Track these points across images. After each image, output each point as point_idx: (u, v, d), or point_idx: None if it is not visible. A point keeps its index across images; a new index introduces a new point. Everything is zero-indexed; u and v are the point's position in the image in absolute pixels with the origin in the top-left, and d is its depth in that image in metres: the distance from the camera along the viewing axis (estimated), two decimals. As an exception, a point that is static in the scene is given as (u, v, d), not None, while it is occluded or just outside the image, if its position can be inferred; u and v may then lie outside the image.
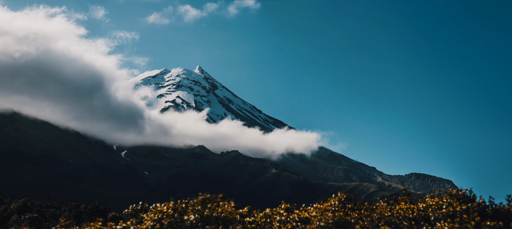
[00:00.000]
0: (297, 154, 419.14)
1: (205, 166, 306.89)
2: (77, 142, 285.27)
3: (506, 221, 9.82)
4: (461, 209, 9.87)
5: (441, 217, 9.84)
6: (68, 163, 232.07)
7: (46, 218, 43.37)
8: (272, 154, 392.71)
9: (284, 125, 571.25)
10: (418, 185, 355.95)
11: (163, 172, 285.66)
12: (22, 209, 44.06)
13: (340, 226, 9.93)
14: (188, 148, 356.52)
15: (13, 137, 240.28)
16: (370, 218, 10.32)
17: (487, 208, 10.18)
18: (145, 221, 9.68)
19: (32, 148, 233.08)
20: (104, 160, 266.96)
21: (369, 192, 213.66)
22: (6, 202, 55.25)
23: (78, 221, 41.58)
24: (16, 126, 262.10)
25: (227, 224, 9.68)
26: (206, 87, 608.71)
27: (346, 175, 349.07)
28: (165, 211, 9.80)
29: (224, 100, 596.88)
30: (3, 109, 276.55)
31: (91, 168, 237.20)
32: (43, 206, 54.64)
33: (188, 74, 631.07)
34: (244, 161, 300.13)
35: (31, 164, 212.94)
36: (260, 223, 10.16)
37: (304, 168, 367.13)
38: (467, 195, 10.60)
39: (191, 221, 9.53)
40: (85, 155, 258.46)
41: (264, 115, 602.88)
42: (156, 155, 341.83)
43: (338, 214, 10.21)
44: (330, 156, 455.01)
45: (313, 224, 10.04)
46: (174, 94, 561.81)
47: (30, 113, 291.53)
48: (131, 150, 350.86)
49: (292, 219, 10.42)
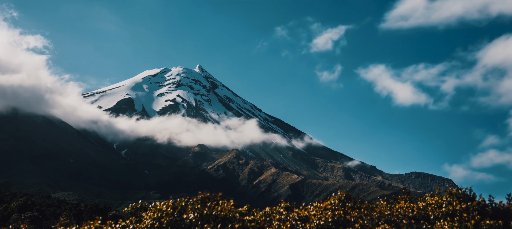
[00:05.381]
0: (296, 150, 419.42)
1: (205, 165, 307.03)
2: (77, 141, 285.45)
3: (506, 220, 9.82)
4: (461, 208, 9.87)
5: (441, 216, 9.84)
6: (68, 162, 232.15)
7: (46, 217, 43.39)
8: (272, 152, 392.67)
9: (284, 124, 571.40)
10: (418, 184, 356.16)
11: (163, 171, 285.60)
12: (23, 207, 44.09)
13: (339, 225, 9.93)
14: (188, 147, 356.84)
15: (14, 136, 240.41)
16: (370, 217, 10.33)
17: (487, 207, 10.18)
18: (144, 220, 9.69)
19: (32, 147, 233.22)
20: (104, 159, 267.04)
21: (369, 191, 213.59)
22: (7, 200, 55.27)
23: (78, 219, 41.60)
24: (16, 124, 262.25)
25: (227, 222, 9.68)
26: (206, 86, 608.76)
27: (346, 174, 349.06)
28: (165, 210, 9.81)
29: (224, 99, 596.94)
30: (4, 108, 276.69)
31: (91, 167, 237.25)
32: (43, 204, 54.66)
33: (188, 73, 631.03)
34: (244, 160, 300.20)
35: (32, 162, 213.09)
36: (260, 221, 10.16)
37: (304, 167, 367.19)
38: (467, 194, 10.60)
39: (191, 219, 9.54)
40: (85, 154, 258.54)
41: (264, 114, 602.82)
42: (156, 154, 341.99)
43: (337, 213, 10.21)
44: (330, 155, 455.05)
45: (313, 223, 10.04)
46: (174, 93, 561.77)
47: (31, 113, 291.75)
48: (131, 149, 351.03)
49: (292, 217, 10.41)
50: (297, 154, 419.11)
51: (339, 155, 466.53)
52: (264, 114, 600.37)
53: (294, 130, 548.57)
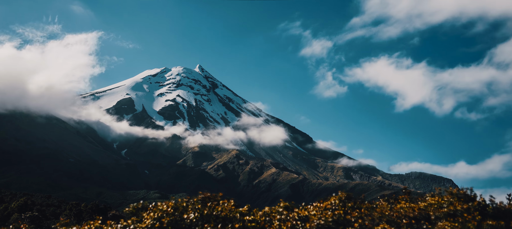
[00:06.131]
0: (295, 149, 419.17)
1: (205, 164, 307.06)
2: (77, 141, 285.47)
3: (507, 220, 9.81)
4: (462, 208, 9.85)
5: (442, 216, 9.83)
6: (68, 161, 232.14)
7: (46, 217, 43.38)
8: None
9: (284, 124, 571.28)
10: (418, 184, 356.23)
11: (164, 170, 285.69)
12: (23, 207, 44.08)
13: (340, 225, 9.92)
14: (188, 147, 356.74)
15: (14, 136, 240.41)
16: (370, 217, 10.31)
17: (488, 207, 10.17)
18: (145, 220, 9.67)
19: (33, 147, 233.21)
20: (105, 158, 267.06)
21: (369, 191, 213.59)
22: (7, 200, 55.27)
23: (79, 219, 41.60)
24: (16, 124, 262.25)
25: (227, 222, 9.67)
26: (206, 86, 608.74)
27: (346, 174, 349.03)
28: (165, 210, 9.80)
29: (224, 99, 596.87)
30: (4, 107, 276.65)
31: (92, 167, 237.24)
32: (43, 204, 54.64)
33: (188, 73, 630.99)
34: (244, 159, 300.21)
35: (32, 162, 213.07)
36: (260, 221, 10.15)
37: (304, 167, 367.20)
38: (468, 194, 10.58)
39: (191, 219, 9.53)
40: (86, 154, 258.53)
41: (265, 113, 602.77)
42: (156, 154, 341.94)
43: (338, 213, 10.20)
44: (331, 155, 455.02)
45: (313, 223, 10.02)
46: (174, 93, 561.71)
47: (31, 113, 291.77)
48: (131, 149, 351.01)
49: (292, 217, 10.40)
50: (297, 153, 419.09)
51: (339, 155, 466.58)
52: (264, 114, 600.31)
53: (294, 129, 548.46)
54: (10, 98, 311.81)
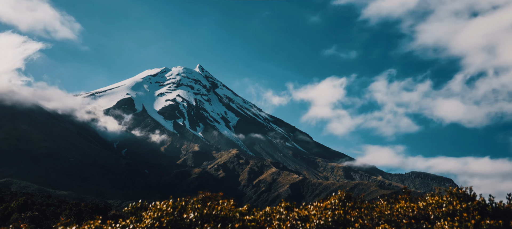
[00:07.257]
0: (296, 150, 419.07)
1: (205, 164, 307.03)
2: (77, 140, 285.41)
3: (506, 220, 9.81)
4: (461, 208, 9.86)
5: (441, 215, 9.83)
6: (68, 161, 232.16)
7: (46, 217, 43.37)
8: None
9: (285, 123, 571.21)
10: (418, 184, 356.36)
11: (164, 170, 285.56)
12: (23, 207, 44.08)
13: (339, 225, 9.92)
14: (188, 147, 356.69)
15: (14, 135, 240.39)
16: (370, 216, 10.32)
17: (487, 207, 10.17)
18: (144, 219, 9.68)
19: (33, 146, 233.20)
20: (105, 158, 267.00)
21: (369, 191, 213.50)
22: (7, 200, 55.27)
23: (79, 219, 41.60)
24: (16, 124, 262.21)
25: (227, 222, 9.67)
26: (206, 86, 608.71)
27: (346, 174, 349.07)
28: (165, 210, 9.80)
29: (224, 99, 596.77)
30: (4, 107, 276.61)
31: (92, 167, 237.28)
32: (43, 204, 54.60)
33: (188, 72, 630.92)
34: (244, 159, 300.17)
35: (32, 162, 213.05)
36: (260, 221, 10.15)
37: (304, 167, 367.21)
38: (467, 194, 10.59)
39: (191, 219, 9.53)
40: (86, 154, 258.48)
41: (265, 113, 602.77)
42: (156, 154, 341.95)
43: (338, 213, 10.20)
44: (331, 155, 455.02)
45: (313, 223, 10.03)
46: (174, 92, 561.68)
47: (31, 112, 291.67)
48: (131, 149, 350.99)
49: (292, 217, 10.40)
50: (297, 153, 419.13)
51: (339, 154, 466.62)
52: (264, 114, 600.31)
53: (295, 129, 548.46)
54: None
